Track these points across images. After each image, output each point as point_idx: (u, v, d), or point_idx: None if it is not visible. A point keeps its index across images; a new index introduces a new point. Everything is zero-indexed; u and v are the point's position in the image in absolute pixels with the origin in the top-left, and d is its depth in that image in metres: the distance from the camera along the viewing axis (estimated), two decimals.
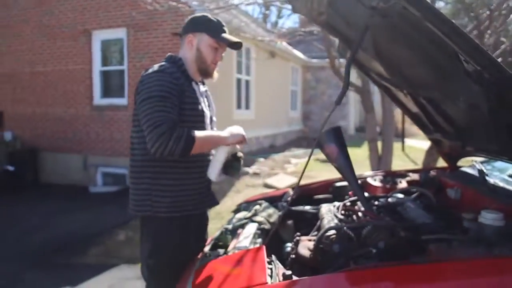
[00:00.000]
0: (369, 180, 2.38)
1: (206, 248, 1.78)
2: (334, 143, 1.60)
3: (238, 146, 1.78)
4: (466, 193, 1.86)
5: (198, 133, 1.56)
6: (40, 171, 8.12)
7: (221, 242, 1.79)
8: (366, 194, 2.09)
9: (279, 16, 23.46)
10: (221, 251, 1.69)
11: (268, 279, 1.18)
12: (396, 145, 7.53)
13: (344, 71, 1.32)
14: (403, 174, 2.45)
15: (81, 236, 4.67)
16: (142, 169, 1.70)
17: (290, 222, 2.07)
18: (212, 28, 1.76)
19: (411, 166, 7.47)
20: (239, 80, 9.18)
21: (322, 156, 7.78)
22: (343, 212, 1.69)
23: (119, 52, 8.20)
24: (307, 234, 1.72)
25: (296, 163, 8.08)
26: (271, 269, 1.27)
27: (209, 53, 1.76)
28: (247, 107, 9.72)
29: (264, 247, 1.41)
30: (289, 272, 1.20)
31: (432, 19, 1.07)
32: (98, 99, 8.14)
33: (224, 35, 1.76)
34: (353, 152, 2.01)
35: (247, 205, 2.30)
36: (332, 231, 1.41)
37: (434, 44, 1.21)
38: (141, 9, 7.85)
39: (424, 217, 1.58)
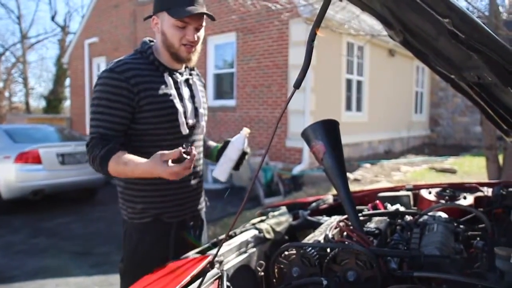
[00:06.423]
0: (423, 192, 1.90)
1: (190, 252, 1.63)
2: (322, 140, 1.28)
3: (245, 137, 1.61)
4: None
5: (113, 164, 1.36)
6: None
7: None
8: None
9: None
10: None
11: None
12: None
13: (306, 47, 1.02)
14: (473, 188, 1.90)
15: None
16: None
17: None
18: (171, 2, 1.43)
19: None
20: (349, 81, 8.68)
21: (439, 164, 6.78)
22: (335, 228, 1.35)
23: (230, 56, 8.58)
24: None
25: (406, 171, 7.23)
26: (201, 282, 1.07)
27: (174, 34, 1.44)
28: (358, 109, 9.14)
29: (208, 258, 1.20)
30: None
31: None
32: (211, 101, 8.63)
33: (188, 8, 1.41)
34: None
35: (272, 210, 2.07)
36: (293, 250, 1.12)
37: None
38: (250, 13, 8.07)
39: (442, 245, 1.14)
